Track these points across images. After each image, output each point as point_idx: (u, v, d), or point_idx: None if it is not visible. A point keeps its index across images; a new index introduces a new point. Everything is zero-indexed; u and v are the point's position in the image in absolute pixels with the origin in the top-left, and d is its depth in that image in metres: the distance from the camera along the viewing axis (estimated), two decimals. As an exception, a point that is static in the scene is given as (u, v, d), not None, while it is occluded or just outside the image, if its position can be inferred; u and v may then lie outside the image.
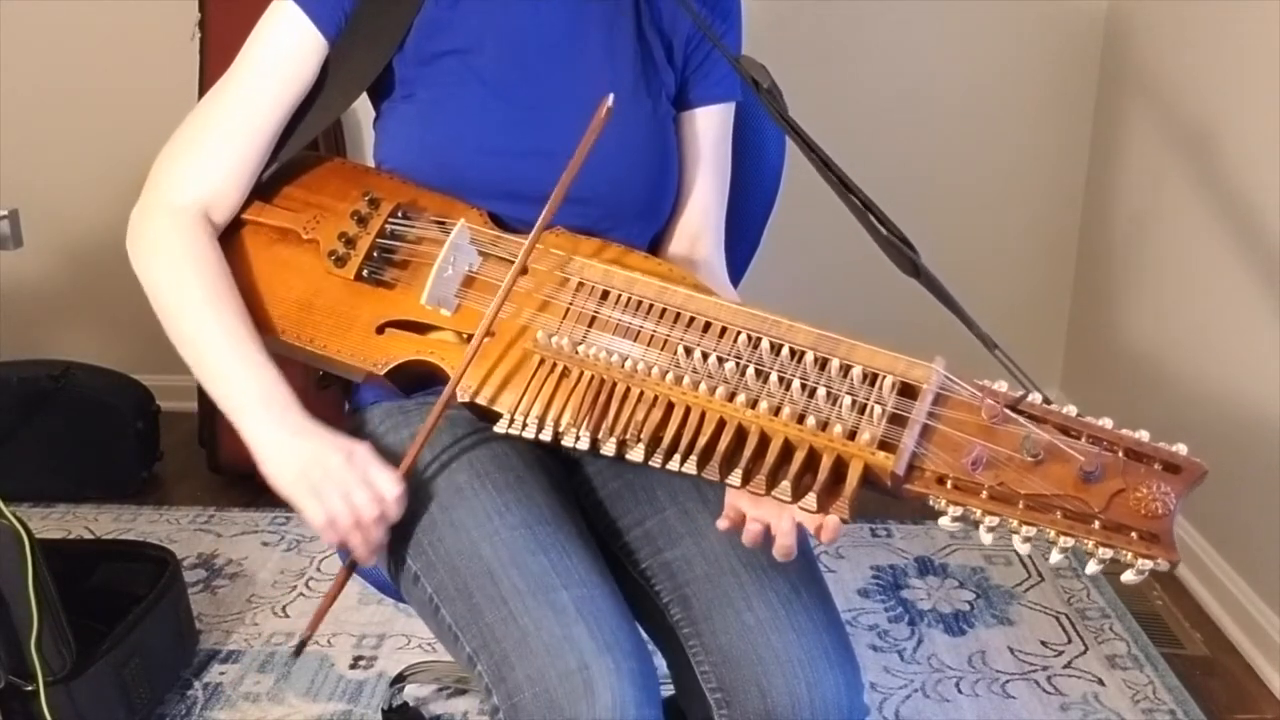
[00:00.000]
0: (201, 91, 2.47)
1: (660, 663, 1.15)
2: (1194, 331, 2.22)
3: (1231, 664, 2.02)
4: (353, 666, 1.99)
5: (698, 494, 1.18)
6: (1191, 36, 2.25)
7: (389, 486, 1.06)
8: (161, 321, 1.15)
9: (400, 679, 1.87)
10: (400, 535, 1.14)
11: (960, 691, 1.92)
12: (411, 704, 1.86)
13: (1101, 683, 1.95)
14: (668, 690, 1.17)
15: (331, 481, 1.05)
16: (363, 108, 1.29)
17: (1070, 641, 2.06)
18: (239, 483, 2.62)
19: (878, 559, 2.34)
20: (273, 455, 1.08)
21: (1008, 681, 1.95)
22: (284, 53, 1.20)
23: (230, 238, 1.21)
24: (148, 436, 2.62)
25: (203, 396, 2.62)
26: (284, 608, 2.16)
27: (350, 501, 1.05)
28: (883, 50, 2.68)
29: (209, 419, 2.62)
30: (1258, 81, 1.96)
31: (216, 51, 2.50)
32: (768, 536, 1.01)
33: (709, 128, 1.30)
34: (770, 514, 1.00)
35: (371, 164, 1.29)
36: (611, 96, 1.10)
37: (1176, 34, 2.32)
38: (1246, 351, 2.01)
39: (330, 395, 1.34)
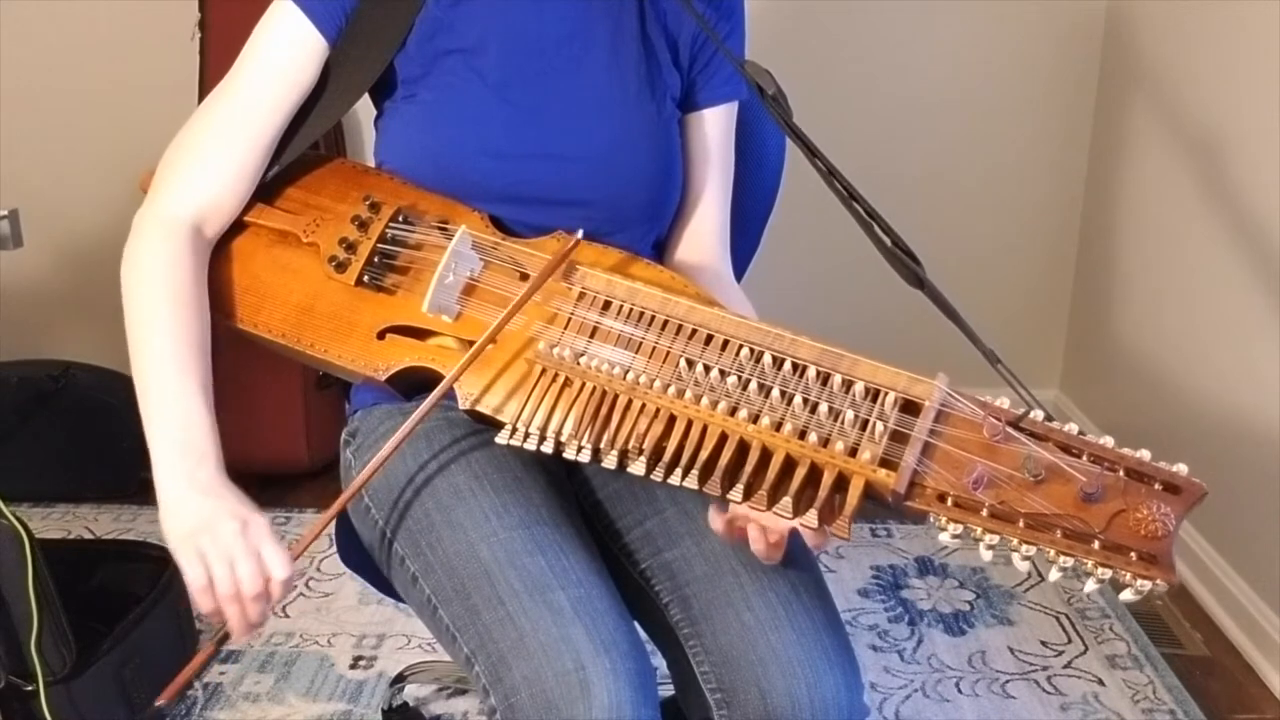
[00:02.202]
0: (202, 91, 2.46)
1: (660, 663, 1.15)
2: (1194, 331, 2.22)
3: (1231, 664, 2.02)
4: (353, 666, 1.99)
5: (698, 494, 1.18)
6: (1191, 36, 2.25)
7: (279, 566, 1.00)
8: (126, 330, 1.12)
9: (400, 679, 1.87)
10: (399, 536, 1.14)
11: (960, 691, 1.92)
12: (411, 704, 1.86)
13: (1101, 683, 1.94)
14: (667, 690, 1.17)
15: (219, 547, 1.00)
16: (363, 106, 1.29)
17: (1070, 641, 2.06)
18: (238, 483, 2.60)
19: (878, 559, 2.34)
20: (171, 507, 1.04)
21: (1008, 681, 1.95)
22: (284, 55, 1.19)
23: (230, 239, 1.21)
24: (148, 436, 2.61)
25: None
26: (284, 608, 2.15)
27: (234, 572, 1.00)
28: (882, 49, 2.68)
29: (209, 419, 2.61)
30: (1258, 81, 1.96)
31: (216, 51, 2.50)
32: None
33: (715, 128, 1.29)
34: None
35: (372, 163, 1.29)
36: (580, 231, 1.12)
37: (1176, 33, 2.32)
38: (1246, 351, 2.01)
39: (330, 395, 1.33)
